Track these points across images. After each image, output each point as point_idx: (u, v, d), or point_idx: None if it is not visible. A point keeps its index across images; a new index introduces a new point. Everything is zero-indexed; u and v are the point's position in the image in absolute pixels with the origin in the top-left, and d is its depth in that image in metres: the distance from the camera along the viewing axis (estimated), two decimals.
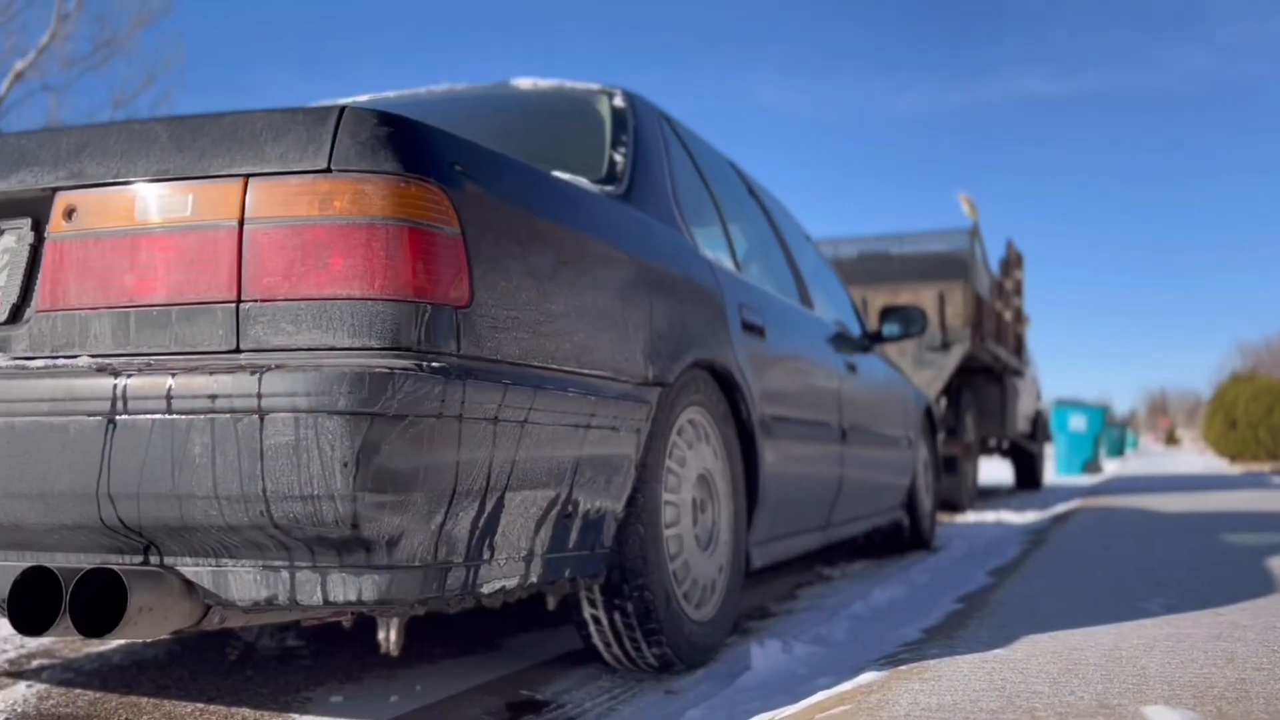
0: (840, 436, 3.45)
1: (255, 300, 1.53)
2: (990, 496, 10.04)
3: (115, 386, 1.48)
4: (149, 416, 1.47)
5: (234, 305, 1.54)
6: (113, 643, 2.56)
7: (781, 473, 2.84)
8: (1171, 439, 54.17)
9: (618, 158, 2.47)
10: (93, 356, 1.58)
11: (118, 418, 1.48)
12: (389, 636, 1.71)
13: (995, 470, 14.53)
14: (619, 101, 2.66)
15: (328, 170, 1.54)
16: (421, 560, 1.55)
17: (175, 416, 1.46)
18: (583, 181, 2.26)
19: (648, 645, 2.17)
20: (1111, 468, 18.64)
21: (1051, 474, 15.83)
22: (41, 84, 20.59)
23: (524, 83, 2.89)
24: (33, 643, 2.58)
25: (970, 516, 7.34)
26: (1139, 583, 2.95)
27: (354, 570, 1.52)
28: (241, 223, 1.55)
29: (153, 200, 1.59)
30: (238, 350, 1.53)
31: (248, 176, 1.56)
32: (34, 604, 1.49)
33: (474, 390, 1.57)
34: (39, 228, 1.68)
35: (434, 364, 1.52)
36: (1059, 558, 3.78)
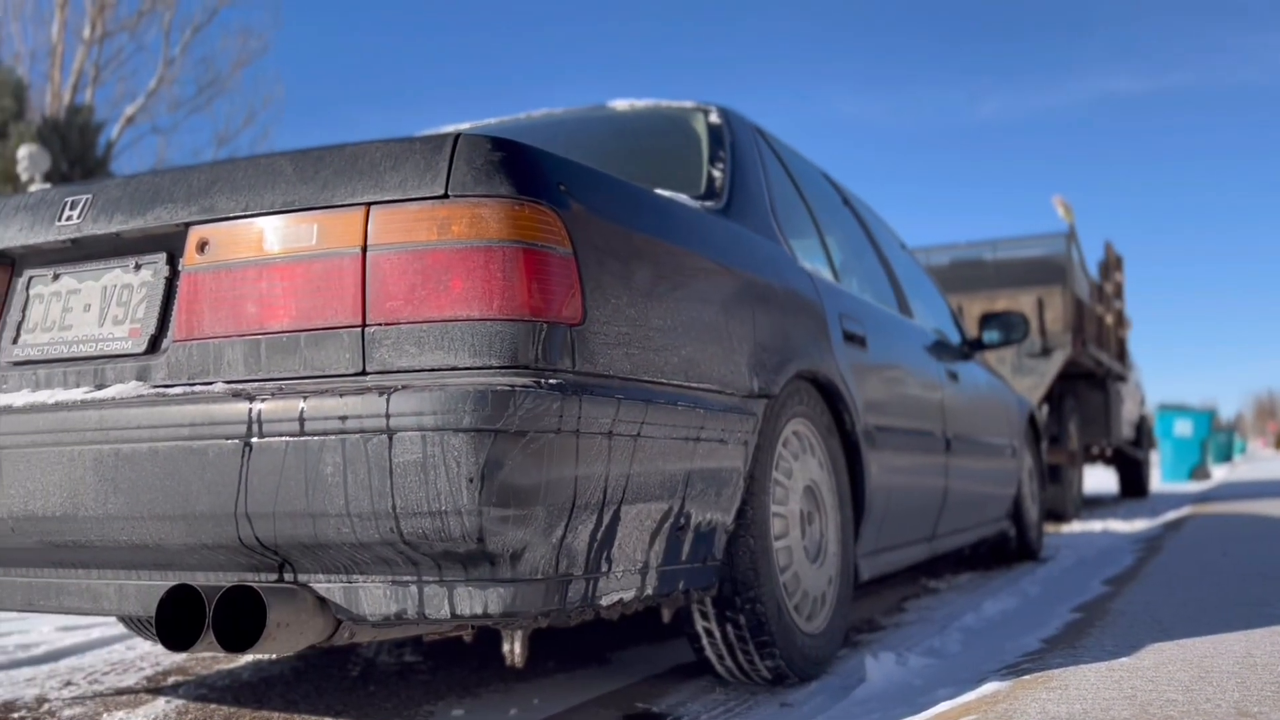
0: (944, 446, 3.40)
1: (380, 324, 1.59)
2: (1095, 505, 9.76)
3: (250, 410, 1.55)
4: (283, 438, 1.53)
5: (359, 329, 1.59)
6: (242, 660, 2.65)
7: (887, 484, 2.82)
8: None
9: (716, 173, 2.49)
10: (227, 383, 1.66)
11: (253, 440, 1.54)
12: (514, 649, 1.75)
13: (1098, 479, 14.12)
14: (715, 118, 2.68)
15: (445, 196, 1.59)
16: (544, 573, 1.59)
17: (308, 438, 1.51)
18: (683, 198, 2.28)
19: (760, 657, 2.18)
20: (1220, 474, 17.93)
21: (1157, 481, 15.32)
22: (151, 126, 21.61)
23: (621, 104, 2.93)
24: (167, 660, 2.68)
25: (1076, 526, 7.15)
26: (1265, 588, 2.85)
27: (479, 584, 1.56)
28: (364, 250, 1.60)
29: (280, 231, 1.66)
30: (364, 373, 1.58)
31: (369, 205, 1.62)
32: (177, 621, 1.56)
33: (589, 405, 1.60)
34: (173, 261, 1.77)
35: (551, 381, 1.55)
36: (1177, 565, 3.66)
